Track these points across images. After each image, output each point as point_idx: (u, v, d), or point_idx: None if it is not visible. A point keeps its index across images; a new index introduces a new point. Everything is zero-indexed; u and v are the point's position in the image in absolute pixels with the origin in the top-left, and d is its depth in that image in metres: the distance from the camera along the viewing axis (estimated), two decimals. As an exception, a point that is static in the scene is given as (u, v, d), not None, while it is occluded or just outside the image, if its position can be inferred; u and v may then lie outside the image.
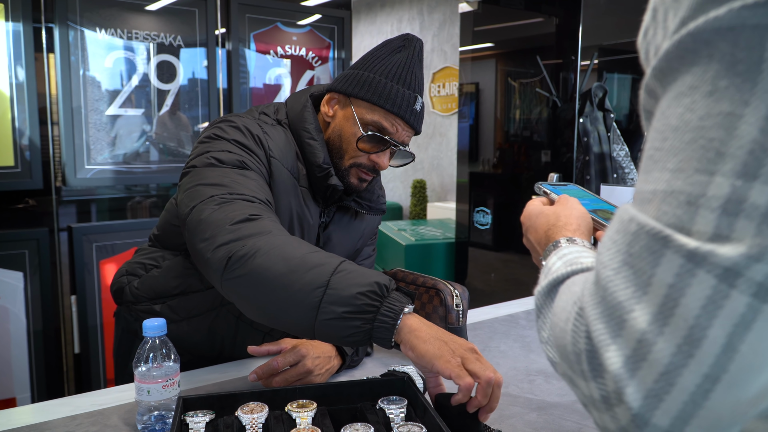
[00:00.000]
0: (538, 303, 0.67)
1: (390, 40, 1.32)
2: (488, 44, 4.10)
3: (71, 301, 2.59)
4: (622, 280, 0.47)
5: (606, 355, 0.47)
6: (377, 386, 1.04)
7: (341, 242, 1.43)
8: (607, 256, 0.49)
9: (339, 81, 1.32)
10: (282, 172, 1.27)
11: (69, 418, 1.10)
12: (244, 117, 1.30)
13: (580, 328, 0.51)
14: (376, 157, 1.30)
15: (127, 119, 2.68)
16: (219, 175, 1.15)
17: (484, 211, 4.01)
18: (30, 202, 2.58)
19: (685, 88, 0.46)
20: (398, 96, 1.26)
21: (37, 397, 2.49)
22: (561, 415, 1.11)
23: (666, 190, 0.46)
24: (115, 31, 2.61)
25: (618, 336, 0.47)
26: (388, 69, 1.27)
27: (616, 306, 0.47)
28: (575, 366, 0.52)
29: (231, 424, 0.96)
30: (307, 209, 1.32)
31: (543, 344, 0.64)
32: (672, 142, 0.46)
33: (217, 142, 1.23)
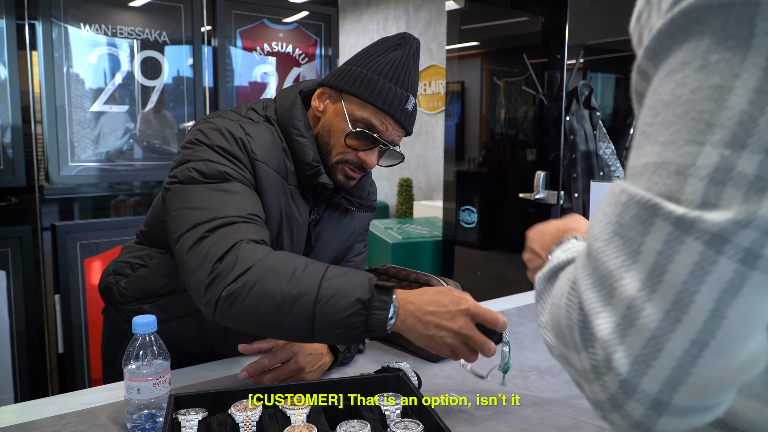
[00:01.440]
0: (539, 288, 0.67)
1: (387, 38, 1.30)
2: (474, 43, 4.09)
3: (55, 301, 2.56)
4: (613, 250, 0.48)
5: (596, 322, 0.48)
6: (372, 383, 1.03)
7: (331, 240, 1.41)
8: (598, 228, 0.50)
9: (331, 76, 1.30)
10: (267, 173, 1.24)
11: (56, 417, 1.08)
12: (227, 118, 1.26)
13: (573, 301, 0.51)
14: (364, 155, 1.28)
15: (111, 116, 2.65)
16: (201, 195, 1.14)
17: (470, 210, 4.01)
18: (13, 200, 2.54)
19: (677, 64, 0.47)
20: (390, 94, 1.24)
21: (20, 398, 2.46)
22: (556, 410, 1.10)
23: (657, 162, 0.47)
24: (99, 27, 2.58)
25: (608, 304, 0.47)
26: (382, 66, 1.25)
27: (607, 275, 0.48)
28: (568, 339, 0.52)
29: (224, 422, 0.94)
30: (295, 208, 1.30)
31: (541, 329, 0.65)
32: (664, 116, 0.47)
33: (199, 149, 1.20)
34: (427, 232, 4.97)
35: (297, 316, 0.99)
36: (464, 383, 1.23)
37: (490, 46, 4.13)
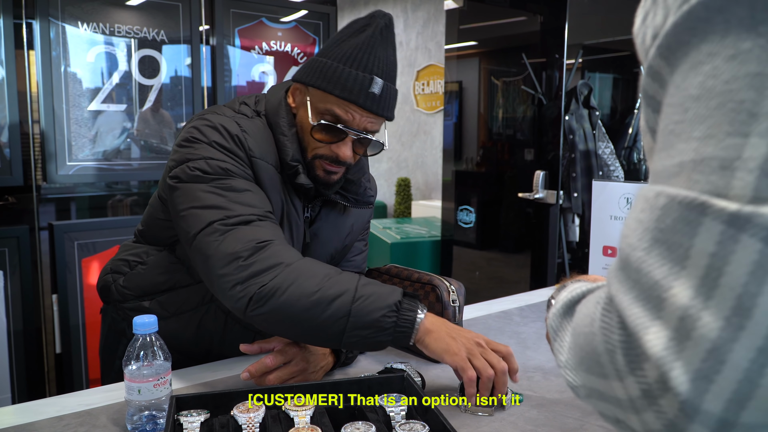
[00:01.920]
0: (554, 325, 0.64)
1: (356, 20, 1.24)
2: (472, 42, 4.08)
3: (52, 300, 2.54)
4: (656, 258, 0.44)
5: (645, 338, 0.43)
6: (376, 384, 1.02)
7: (329, 239, 1.39)
8: (634, 237, 0.46)
9: (299, 70, 1.27)
10: (267, 169, 1.23)
11: (56, 418, 1.07)
12: (222, 114, 1.25)
13: (610, 323, 0.47)
14: (336, 148, 1.24)
15: (108, 115, 2.63)
16: (210, 193, 1.14)
17: (468, 210, 4.00)
18: (10, 199, 2.53)
19: (703, 56, 0.44)
20: (349, 80, 1.18)
21: (17, 398, 2.44)
22: (562, 411, 1.09)
23: (695, 159, 0.43)
24: (96, 26, 2.56)
25: (657, 318, 0.43)
26: (344, 52, 1.19)
27: (653, 286, 0.43)
28: (608, 367, 0.47)
29: (226, 424, 0.93)
30: (292, 205, 1.29)
31: (562, 369, 0.60)
32: (695, 111, 0.44)
33: (198, 147, 1.19)
34: (426, 231, 4.96)
35: (333, 313, 1.04)
36: (468, 384, 1.22)
37: (488, 46, 4.12)
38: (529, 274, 3.71)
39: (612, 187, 1.90)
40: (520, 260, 3.89)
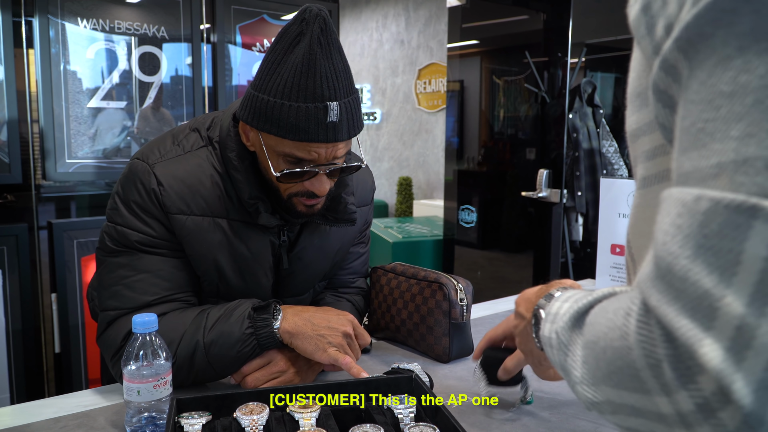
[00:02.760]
0: (562, 340, 0.60)
1: (286, 29, 1.06)
2: (474, 41, 4.05)
3: (51, 300, 2.51)
4: (703, 266, 0.41)
5: (701, 351, 0.41)
6: (383, 385, 0.99)
7: (315, 260, 1.30)
8: (674, 244, 0.43)
9: (241, 107, 1.12)
10: (186, 223, 1.15)
11: (53, 420, 1.04)
12: (154, 152, 1.17)
13: (651, 336, 0.45)
14: (309, 185, 1.12)
15: (108, 113, 2.60)
16: (113, 274, 1.15)
17: (470, 209, 3.97)
18: (9, 197, 2.50)
19: (731, 50, 0.42)
20: (300, 118, 1.03)
21: (16, 399, 2.41)
22: (575, 413, 1.06)
23: (736, 159, 0.41)
24: (96, 22, 2.53)
25: (711, 328, 0.40)
26: (283, 81, 1.03)
27: (702, 296, 0.41)
28: (650, 383, 0.45)
29: (229, 426, 0.90)
30: (243, 245, 1.19)
31: (578, 385, 0.57)
32: (729, 108, 0.42)
33: (117, 206, 1.16)
34: (428, 231, 4.94)
35: (198, 369, 1.12)
36: (476, 384, 1.19)
37: (490, 45, 4.09)
38: (531, 274, 3.68)
39: (620, 184, 1.87)
40: (522, 260, 3.87)
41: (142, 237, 1.14)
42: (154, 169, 1.14)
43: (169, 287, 1.16)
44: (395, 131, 6.94)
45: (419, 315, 1.33)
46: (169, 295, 1.16)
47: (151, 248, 1.15)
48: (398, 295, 1.38)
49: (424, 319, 1.32)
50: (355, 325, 1.16)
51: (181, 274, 1.18)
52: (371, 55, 7.22)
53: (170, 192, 1.14)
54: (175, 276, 1.16)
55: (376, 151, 7.27)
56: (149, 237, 1.14)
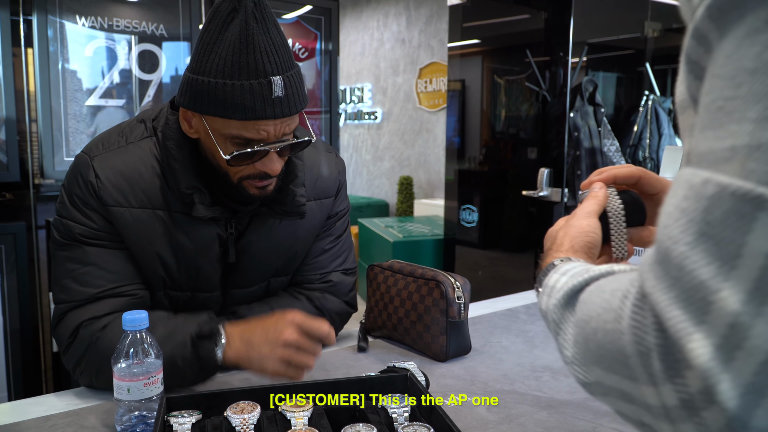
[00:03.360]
0: (555, 317, 0.58)
1: (218, 6, 1.02)
2: (475, 40, 4.04)
3: (50, 299, 2.50)
4: (702, 255, 0.39)
5: (689, 346, 0.39)
6: (378, 384, 0.97)
7: (262, 253, 1.25)
8: (676, 228, 0.41)
9: (180, 93, 1.08)
10: (125, 216, 1.13)
11: (43, 418, 1.02)
12: (100, 144, 1.16)
13: (643, 322, 0.42)
14: (260, 166, 1.08)
15: (107, 111, 2.59)
16: (61, 267, 1.15)
17: (471, 209, 3.96)
18: (7, 195, 2.49)
19: (760, 23, 0.39)
20: (245, 96, 0.99)
21: (14, 397, 2.40)
22: (573, 413, 1.04)
23: (751, 144, 0.38)
24: (95, 20, 2.52)
25: (702, 322, 0.38)
26: (221, 60, 0.99)
27: (698, 287, 0.39)
28: (638, 370, 0.43)
29: (219, 426, 0.88)
30: (185, 236, 1.17)
31: (569, 365, 0.55)
32: (750, 87, 0.39)
33: (63, 199, 1.16)
34: (428, 230, 4.92)
35: None
36: (474, 383, 1.17)
37: (491, 44, 4.08)
38: (532, 273, 3.66)
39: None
40: (524, 260, 3.85)
41: (84, 230, 1.13)
42: (93, 162, 1.13)
43: (115, 279, 1.14)
44: (396, 130, 6.92)
45: (416, 313, 1.31)
46: (116, 287, 1.14)
47: (94, 240, 1.14)
48: (395, 293, 1.37)
49: (421, 318, 1.30)
50: (299, 323, 1.07)
51: (128, 265, 1.16)
52: (372, 54, 7.21)
53: (107, 185, 1.12)
54: (120, 268, 1.15)
55: (377, 150, 7.25)
56: (91, 230, 1.13)
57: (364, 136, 7.46)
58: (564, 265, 0.66)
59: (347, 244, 1.42)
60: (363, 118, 7.39)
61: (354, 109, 7.54)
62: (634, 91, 4.16)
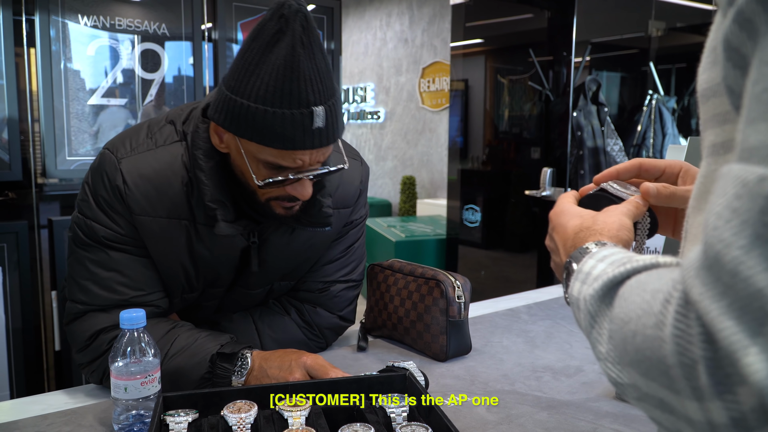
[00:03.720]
0: (592, 309, 0.54)
1: (263, 25, 0.98)
2: (479, 40, 4.03)
3: (52, 297, 2.50)
4: (759, 260, 0.35)
5: (745, 360, 0.35)
6: (376, 383, 0.96)
7: (276, 260, 1.23)
8: (728, 230, 0.37)
9: (215, 109, 1.04)
10: (151, 225, 1.11)
11: (40, 417, 1.02)
12: (123, 147, 1.12)
13: (689, 332, 0.39)
14: (291, 190, 1.07)
15: (110, 110, 2.59)
16: (81, 266, 1.13)
17: (474, 209, 3.95)
18: (10, 194, 2.49)
19: None
20: (286, 126, 0.97)
21: (16, 395, 2.40)
22: (574, 414, 1.03)
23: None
24: (97, 19, 2.52)
25: (759, 334, 0.35)
26: (264, 85, 0.96)
27: (754, 295, 0.35)
28: (680, 383, 0.40)
29: (216, 425, 0.88)
30: (205, 248, 1.15)
31: (602, 361, 0.52)
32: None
33: (86, 197, 1.13)
34: (431, 230, 4.92)
35: None
36: (474, 383, 1.17)
37: (495, 43, 4.07)
38: (535, 273, 3.66)
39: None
40: (527, 260, 3.84)
41: (109, 233, 1.11)
42: (120, 165, 1.10)
43: (138, 287, 1.13)
44: (399, 130, 6.92)
45: (416, 312, 1.31)
46: (139, 296, 1.13)
47: (119, 245, 1.12)
48: (395, 292, 1.36)
49: (421, 317, 1.30)
50: (308, 367, 1.05)
51: (150, 273, 1.15)
52: (375, 53, 7.20)
53: (135, 192, 1.10)
54: (144, 276, 1.14)
55: (379, 150, 7.25)
56: (116, 234, 1.11)
57: (366, 135, 7.46)
58: (601, 250, 0.62)
59: (358, 254, 1.37)
60: (366, 118, 7.39)
61: (357, 108, 7.54)
62: (637, 90, 4.15)
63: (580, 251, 0.64)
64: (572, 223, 0.73)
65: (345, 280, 1.34)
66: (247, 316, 1.29)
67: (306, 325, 1.31)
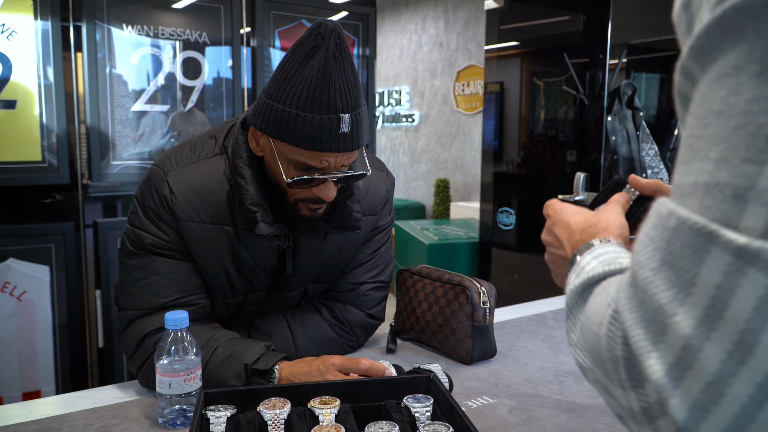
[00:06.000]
0: (570, 302, 0.62)
1: (301, 41, 1.09)
2: (513, 43, 4.05)
3: (96, 296, 2.60)
4: (663, 281, 0.43)
5: (647, 363, 0.43)
6: (402, 384, 1.02)
7: (309, 262, 1.31)
8: (644, 254, 0.45)
9: (253, 114, 1.15)
10: (195, 230, 1.20)
11: (90, 410, 1.09)
12: (171, 160, 1.22)
13: (615, 333, 0.47)
14: (317, 191, 1.16)
15: (152, 116, 2.69)
16: (130, 274, 1.22)
17: (508, 212, 3.96)
18: (57, 197, 2.60)
19: (729, 68, 0.41)
20: (315, 128, 1.07)
21: (61, 390, 2.50)
22: (593, 417, 1.07)
23: (709, 182, 0.42)
24: (141, 28, 2.62)
25: (660, 342, 0.43)
26: (299, 92, 1.07)
27: (657, 310, 0.43)
28: (612, 374, 0.48)
29: (252, 420, 0.94)
30: (247, 252, 1.24)
31: (572, 347, 0.60)
32: (715, 128, 0.42)
33: (136, 209, 1.23)
34: (464, 233, 4.94)
35: None
36: (497, 386, 1.21)
37: (530, 46, 4.08)
38: (568, 277, 3.65)
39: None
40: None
41: (155, 240, 1.20)
42: (167, 177, 1.20)
43: (181, 290, 1.21)
44: (433, 133, 6.95)
45: (443, 317, 1.36)
46: (181, 297, 1.21)
47: (164, 251, 1.20)
48: (423, 297, 1.41)
49: (448, 321, 1.35)
50: (339, 366, 1.12)
51: (193, 276, 1.23)
52: (410, 57, 7.25)
53: (181, 200, 1.19)
54: (186, 279, 1.22)
55: (414, 153, 7.29)
56: (162, 241, 1.20)
57: (401, 138, 7.51)
58: (600, 247, 0.69)
59: (385, 257, 1.45)
60: (400, 121, 7.44)
61: (392, 111, 7.60)
62: (675, 93, 4.11)
63: (586, 246, 0.71)
64: (575, 219, 0.80)
65: (373, 281, 1.43)
66: (279, 316, 1.37)
67: (337, 322, 1.38)
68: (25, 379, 2.45)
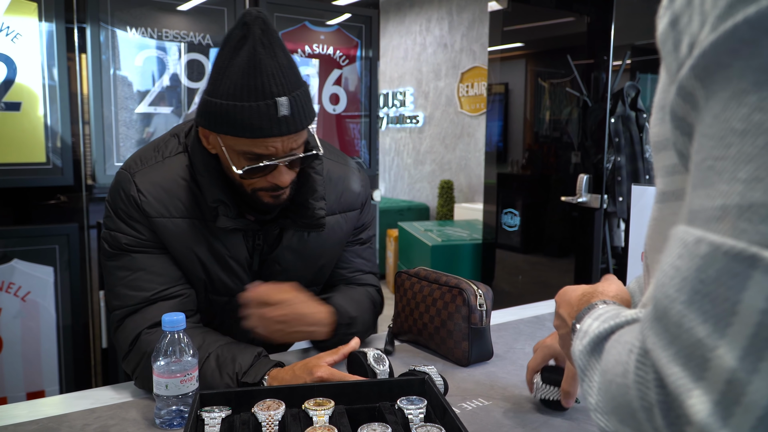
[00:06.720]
0: (581, 364, 0.59)
1: (230, 34, 1.11)
2: (518, 44, 4.05)
3: (100, 297, 2.61)
4: (698, 313, 0.40)
5: (688, 402, 0.40)
6: (396, 386, 1.02)
7: (294, 266, 1.35)
8: (671, 287, 0.42)
9: (197, 113, 1.18)
10: (167, 226, 1.22)
11: (88, 411, 1.11)
12: (137, 161, 1.25)
13: (646, 378, 0.44)
14: (271, 179, 1.18)
15: (157, 118, 2.70)
16: (112, 276, 1.24)
17: (512, 213, 3.96)
18: (61, 198, 2.61)
19: (747, 84, 0.40)
20: (253, 116, 1.08)
21: (65, 390, 2.52)
22: (587, 420, 1.07)
23: (741, 204, 0.39)
24: (145, 30, 2.63)
25: (701, 379, 0.40)
26: (232, 83, 1.08)
27: (695, 344, 0.40)
28: (644, 425, 0.45)
29: (247, 421, 0.95)
30: (220, 244, 1.27)
31: (593, 412, 0.56)
32: (739, 147, 0.40)
33: (108, 212, 1.25)
34: (467, 234, 4.94)
35: None
36: (493, 388, 1.22)
37: (533, 48, 4.08)
38: (573, 279, 3.66)
39: (652, 191, 1.86)
40: (564, 265, 3.84)
41: (130, 239, 1.22)
42: (134, 178, 1.23)
43: (164, 281, 1.24)
44: (437, 134, 6.96)
45: (440, 319, 1.36)
46: (166, 288, 1.24)
47: (140, 248, 1.23)
48: (421, 299, 1.42)
49: (445, 323, 1.35)
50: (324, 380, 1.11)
51: (173, 268, 1.26)
52: (414, 58, 7.26)
53: (149, 198, 1.22)
54: (167, 270, 1.25)
55: (418, 154, 7.30)
56: (137, 239, 1.23)
57: (405, 139, 7.52)
58: (599, 308, 0.67)
59: (371, 249, 1.54)
60: (405, 122, 7.45)
61: (396, 113, 7.61)
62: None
63: (585, 311, 0.69)
64: (575, 293, 0.80)
65: (366, 270, 1.51)
66: None
67: (379, 300, 1.50)
68: (29, 379, 2.46)
